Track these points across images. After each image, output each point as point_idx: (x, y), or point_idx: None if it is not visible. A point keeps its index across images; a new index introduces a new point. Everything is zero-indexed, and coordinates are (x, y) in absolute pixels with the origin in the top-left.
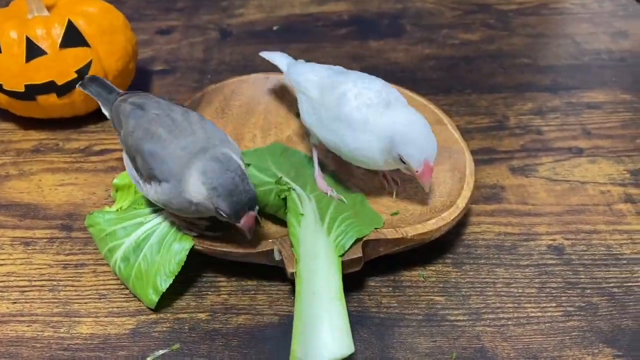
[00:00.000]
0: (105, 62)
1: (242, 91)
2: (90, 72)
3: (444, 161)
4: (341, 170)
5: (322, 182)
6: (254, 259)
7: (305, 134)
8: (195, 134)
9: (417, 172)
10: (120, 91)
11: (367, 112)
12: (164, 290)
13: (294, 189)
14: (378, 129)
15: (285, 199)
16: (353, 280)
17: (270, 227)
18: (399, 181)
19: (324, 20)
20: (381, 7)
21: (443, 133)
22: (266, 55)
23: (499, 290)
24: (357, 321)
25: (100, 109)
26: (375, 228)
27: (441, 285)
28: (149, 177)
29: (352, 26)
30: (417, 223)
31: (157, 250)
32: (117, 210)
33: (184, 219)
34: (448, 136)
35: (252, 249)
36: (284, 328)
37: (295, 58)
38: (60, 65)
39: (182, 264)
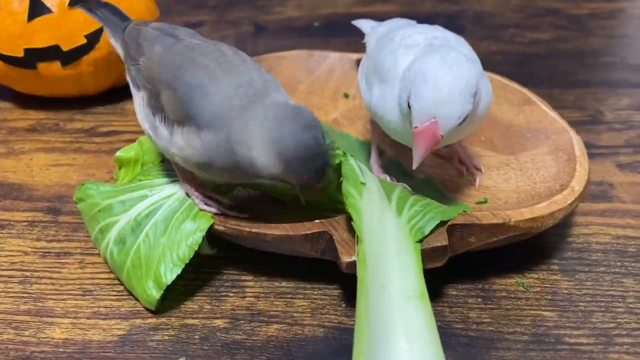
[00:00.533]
0: None
1: (282, 69)
2: (103, 40)
3: (539, 144)
4: (404, 156)
5: (379, 169)
6: (296, 245)
7: (364, 114)
8: (249, 74)
9: (415, 128)
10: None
11: (399, 54)
12: (169, 284)
13: (350, 156)
14: (398, 73)
15: (339, 167)
16: (428, 287)
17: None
18: (481, 167)
19: (371, 18)
20: (435, 9)
21: (534, 113)
22: (356, 22)
23: (631, 306)
24: None
25: (111, 90)
26: (464, 211)
27: (549, 298)
28: (181, 120)
29: None
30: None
31: (163, 230)
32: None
33: (204, 189)
34: (541, 115)
35: (293, 230)
36: (332, 344)
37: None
38: (67, 28)
39: (197, 248)
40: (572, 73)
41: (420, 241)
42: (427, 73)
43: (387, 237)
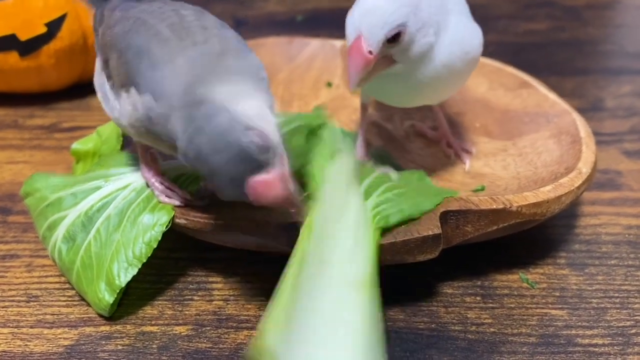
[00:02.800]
0: (85, 20)
1: (259, 56)
2: (65, 29)
3: (539, 128)
4: (391, 145)
5: (363, 155)
6: (269, 239)
7: (348, 103)
8: (207, 44)
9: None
10: None
11: None
12: (124, 287)
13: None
14: None
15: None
16: (419, 284)
17: None
18: (472, 150)
19: None
20: None
21: (532, 96)
22: None
23: None
24: (432, 344)
25: (76, 85)
26: (450, 196)
27: (557, 295)
28: (126, 84)
29: None
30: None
31: (116, 224)
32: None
33: (165, 179)
34: (540, 99)
35: (266, 219)
36: None
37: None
38: (24, 15)
39: (155, 245)
40: (570, 61)
41: (382, 229)
42: None
43: (345, 214)
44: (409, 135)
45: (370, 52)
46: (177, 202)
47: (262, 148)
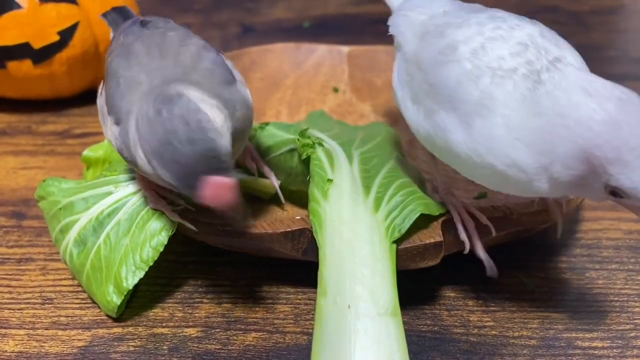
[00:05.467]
0: (96, 27)
1: (266, 62)
2: (77, 37)
3: None
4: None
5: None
6: (275, 245)
7: (354, 109)
8: (167, 60)
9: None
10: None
11: (483, 84)
12: (130, 289)
13: (323, 144)
14: (496, 106)
15: (308, 162)
16: (423, 288)
17: (298, 211)
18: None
19: (363, 18)
20: None
21: None
22: None
23: None
24: (434, 347)
25: (88, 92)
26: None
27: (559, 298)
28: (109, 110)
29: None
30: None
31: (126, 229)
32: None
33: (158, 187)
34: None
35: (272, 228)
36: None
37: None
38: (38, 24)
39: (162, 249)
40: None
41: (397, 241)
42: (623, 156)
43: (356, 245)
44: (413, 141)
45: None
46: (164, 209)
47: (228, 153)
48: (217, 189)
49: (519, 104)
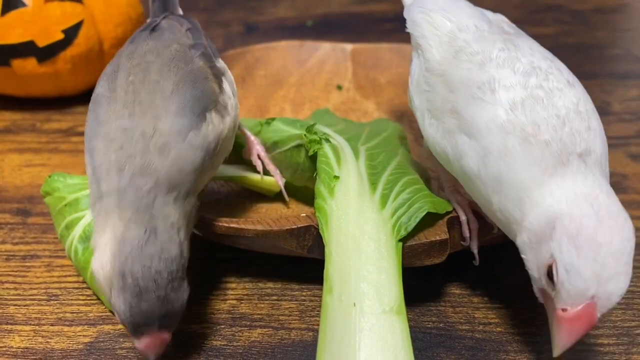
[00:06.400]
0: (101, 25)
1: (269, 60)
2: (82, 35)
3: None
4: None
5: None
6: (280, 242)
7: (358, 107)
8: (143, 117)
9: (562, 309)
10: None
11: (525, 150)
12: None
13: (330, 140)
14: (537, 191)
15: (315, 158)
16: (428, 285)
17: (303, 209)
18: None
19: (366, 17)
20: None
21: None
22: None
23: None
24: (439, 343)
25: (92, 90)
26: None
27: None
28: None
29: (399, 21)
30: None
31: None
32: None
33: None
34: None
35: (277, 225)
36: None
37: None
38: (43, 22)
39: None
40: (577, 65)
41: (403, 239)
42: (580, 238)
43: (362, 242)
44: (417, 139)
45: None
46: None
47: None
48: (156, 341)
49: (536, 169)
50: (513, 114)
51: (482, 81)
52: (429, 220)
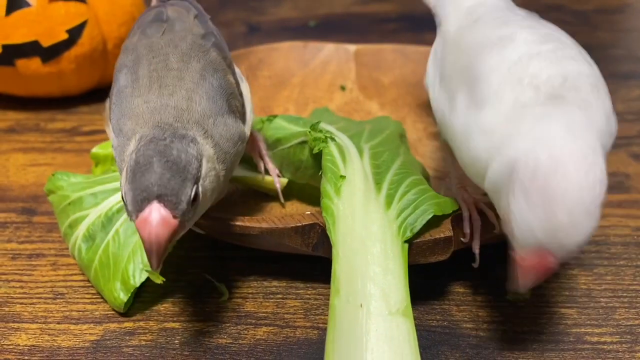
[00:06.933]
0: (104, 25)
1: (273, 60)
2: (86, 35)
3: None
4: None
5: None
6: (285, 240)
7: (361, 107)
8: (173, 96)
9: (517, 256)
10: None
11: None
12: (137, 287)
13: (334, 139)
14: (503, 134)
15: (320, 156)
16: (432, 283)
17: (307, 207)
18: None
19: (369, 17)
20: None
21: None
22: None
23: None
24: (444, 341)
25: (96, 89)
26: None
27: (567, 294)
28: (109, 115)
29: (402, 22)
30: None
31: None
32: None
33: None
34: None
35: (282, 223)
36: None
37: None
38: (47, 22)
39: (171, 248)
40: None
41: (409, 240)
42: (531, 185)
43: (368, 243)
44: (421, 138)
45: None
46: None
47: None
48: (154, 219)
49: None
50: (522, 61)
51: (504, 34)
52: (434, 220)
